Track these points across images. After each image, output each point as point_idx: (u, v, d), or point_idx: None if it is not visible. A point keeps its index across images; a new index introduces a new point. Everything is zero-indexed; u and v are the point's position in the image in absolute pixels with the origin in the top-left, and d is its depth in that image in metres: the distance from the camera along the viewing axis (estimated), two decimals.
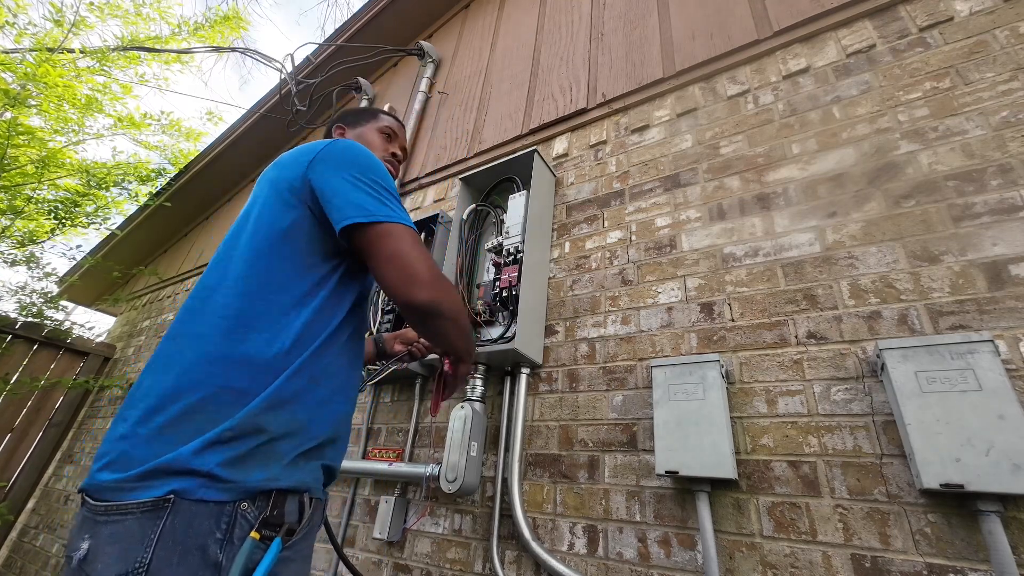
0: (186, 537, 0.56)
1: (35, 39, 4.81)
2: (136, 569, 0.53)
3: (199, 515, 0.57)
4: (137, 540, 0.55)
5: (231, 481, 0.60)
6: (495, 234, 1.90)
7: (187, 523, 0.56)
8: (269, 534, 0.60)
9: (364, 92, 3.65)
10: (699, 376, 1.19)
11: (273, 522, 0.61)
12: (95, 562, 0.55)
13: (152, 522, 0.55)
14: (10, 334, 3.80)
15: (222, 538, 0.57)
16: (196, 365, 0.66)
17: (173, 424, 0.62)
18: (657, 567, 1.14)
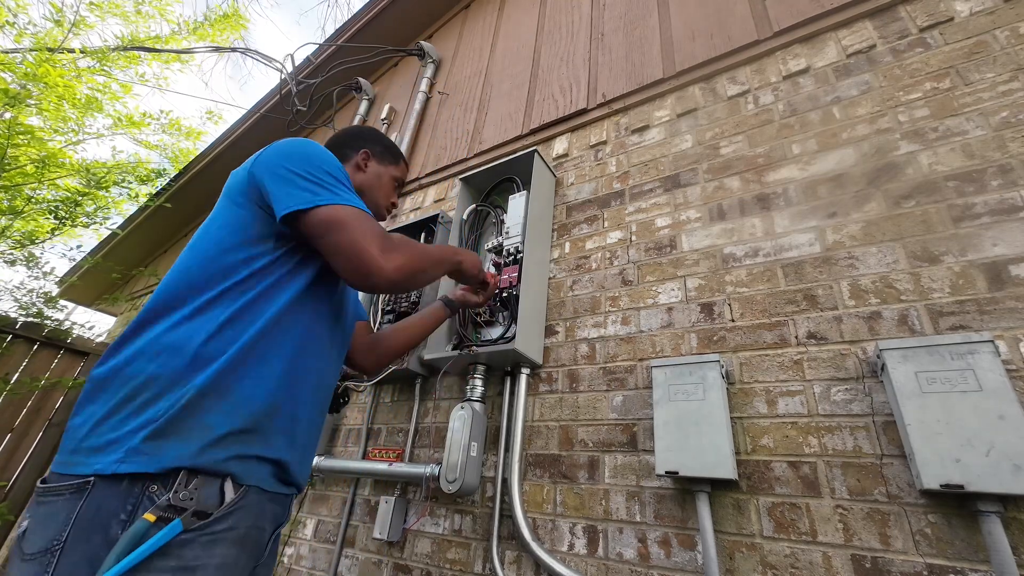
0: (96, 517, 0.58)
1: (35, 39, 4.81)
2: (54, 547, 0.56)
3: (110, 496, 0.59)
4: (60, 520, 0.58)
5: (149, 454, 0.61)
6: (495, 234, 1.90)
7: (100, 503, 0.58)
8: (169, 516, 0.59)
9: (364, 92, 3.65)
10: (699, 376, 1.19)
11: (179, 505, 0.60)
12: (29, 538, 0.59)
13: (74, 503, 0.58)
14: (10, 334, 3.80)
15: (125, 519, 0.58)
16: (134, 356, 0.68)
17: (115, 409, 0.64)
18: (657, 567, 1.14)
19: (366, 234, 0.76)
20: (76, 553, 0.56)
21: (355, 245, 0.75)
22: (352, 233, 0.76)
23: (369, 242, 0.76)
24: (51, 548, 0.56)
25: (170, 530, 0.58)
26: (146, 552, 0.56)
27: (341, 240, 0.75)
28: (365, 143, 1.12)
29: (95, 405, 0.65)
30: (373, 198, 1.10)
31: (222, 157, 4.52)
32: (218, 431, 0.66)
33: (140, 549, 0.55)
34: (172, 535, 0.58)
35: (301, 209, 0.75)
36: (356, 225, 0.77)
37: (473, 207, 2.01)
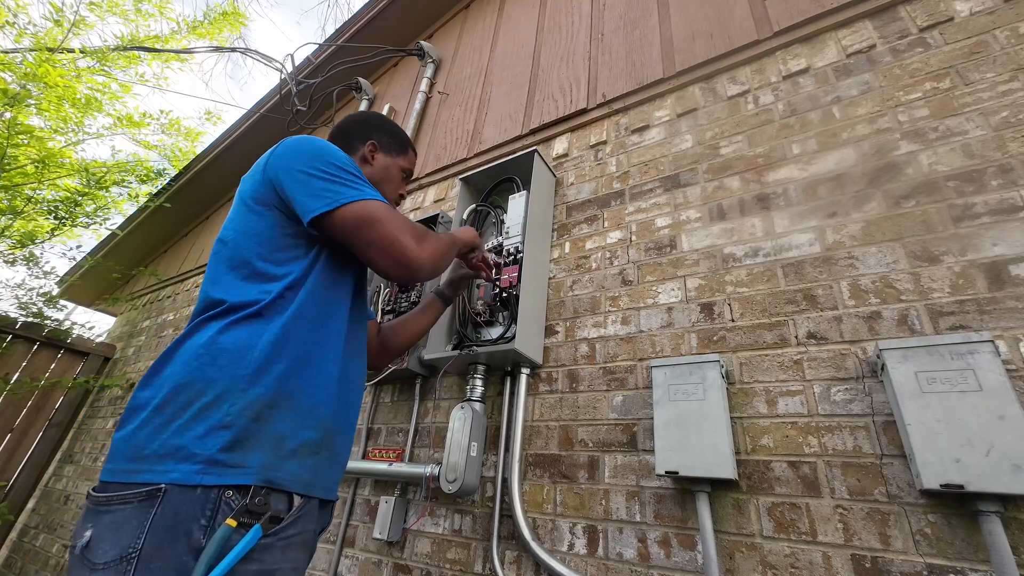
0: (174, 524, 0.58)
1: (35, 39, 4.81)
2: (130, 555, 0.56)
3: (187, 503, 0.59)
4: (132, 527, 0.58)
5: (230, 465, 0.62)
6: (495, 234, 1.90)
7: (175, 511, 0.59)
8: (248, 521, 0.61)
9: (364, 92, 3.65)
10: (699, 376, 1.19)
11: (256, 511, 0.62)
12: (95, 548, 0.58)
13: (146, 510, 0.59)
14: (10, 334, 3.80)
15: (206, 524, 0.59)
16: (189, 362, 0.69)
17: (176, 414, 0.64)
18: (657, 567, 1.14)
19: (400, 227, 0.78)
20: (158, 559, 0.57)
21: (391, 238, 0.77)
22: (386, 226, 0.77)
23: (404, 233, 0.78)
24: (127, 555, 0.56)
25: (253, 535, 0.61)
26: (239, 555, 0.58)
27: (376, 235, 0.77)
28: (371, 133, 1.09)
29: (149, 412, 0.65)
30: (382, 192, 1.05)
31: (222, 157, 4.52)
32: (291, 444, 0.69)
33: (233, 553, 0.58)
34: (255, 539, 0.61)
35: (327, 211, 0.76)
36: (387, 218, 0.78)
37: (473, 207, 2.01)
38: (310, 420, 0.73)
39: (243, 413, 0.65)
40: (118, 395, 3.89)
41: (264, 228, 0.80)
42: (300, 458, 0.70)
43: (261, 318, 0.72)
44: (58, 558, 3.14)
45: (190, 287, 4.19)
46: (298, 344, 0.73)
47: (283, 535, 0.65)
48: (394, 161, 1.11)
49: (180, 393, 0.66)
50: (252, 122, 4.25)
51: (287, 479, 0.67)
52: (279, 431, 0.68)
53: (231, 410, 0.65)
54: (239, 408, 0.65)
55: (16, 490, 3.73)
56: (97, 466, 3.47)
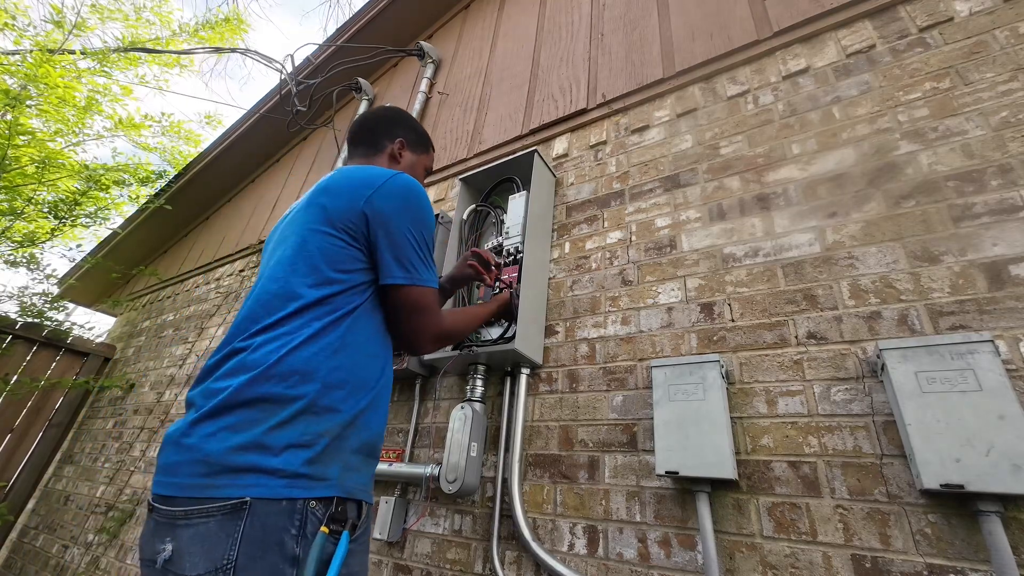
0: (265, 534, 0.61)
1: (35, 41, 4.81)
2: (225, 566, 0.59)
3: (274, 514, 0.62)
4: (221, 540, 0.60)
5: (314, 478, 0.67)
6: (495, 234, 1.90)
7: (264, 522, 0.62)
8: (337, 528, 0.67)
9: (364, 92, 3.65)
10: (699, 376, 1.19)
11: (338, 518, 0.68)
12: (181, 562, 0.60)
13: (233, 523, 0.61)
14: (10, 335, 3.80)
15: (296, 533, 0.63)
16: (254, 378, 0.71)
17: (248, 425, 0.67)
18: (657, 567, 1.13)
19: (433, 325, 0.90)
20: (254, 569, 0.59)
21: (420, 330, 0.89)
22: (424, 320, 0.89)
23: (431, 332, 0.91)
24: (222, 567, 0.59)
25: (345, 541, 0.66)
26: (343, 559, 0.63)
27: (414, 322, 0.88)
28: (399, 129, 1.13)
29: (214, 425, 0.67)
30: None
31: (222, 158, 4.52)
32: (355, 459, 0.75)
33: (338, 558, 0.63)
34: (348, 545, 0.66)
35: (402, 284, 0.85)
36: (430, 312, 0.90)
37: (473, 207, 2.01)
38: (370, 436, 0.80)
39: (324, 433, 0.71)
40: (118, 395, 3.89)
41: (331, 247, 0.83)
42: (362, 472, 0.77)
43: (321, 335, 0.77)
44: (58, 558, 3.14)
45: (190, 287, 4.19)
46: (355, 365, 0.80)
47: (360, 541, 0.71)
48: (419, 159, 1.16)
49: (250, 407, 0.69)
50: (252, 123, 4.25)
51: (356, 488, 0.74)
52: (351, 446, 0.75)
53: (308, 429, 0.69)
54: (316, 427, 0.70)
55: (16, 490, 3.73)
56: (97, 466, 3.48)
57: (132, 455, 3.22)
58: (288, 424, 0.68)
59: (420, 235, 0.90)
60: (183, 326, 3.81)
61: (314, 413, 0.70)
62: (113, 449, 3.45)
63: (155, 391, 3.51)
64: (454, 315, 1.02)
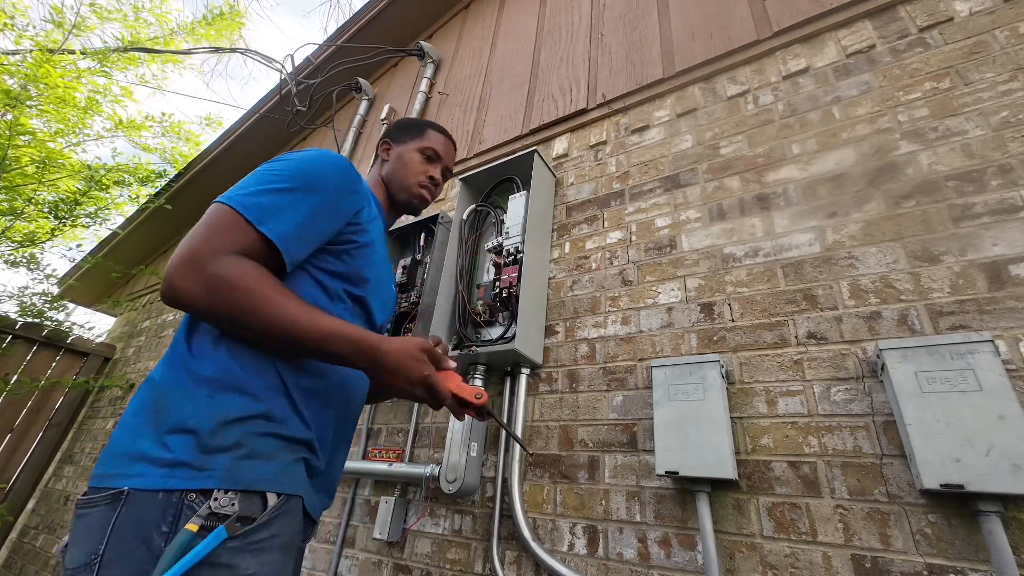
0: (135, 529, 0.55)
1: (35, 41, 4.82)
2: (93, 561, 0.54)
3: (148, 507, 0.56)
4: (97, 532, 0.56)
5: (195, 467, 0.59)
6: (495, 234, 1.90)
7: (137, 515, 0.56)
8: (211, 524, 0.57)
9: (364, 92, 3.65)
10: (699, 376, 1.19)
11: (221, 512, 0.58)
12: (69, 553, 0.58)
13: (109, 514, 0.56)
14: (10, 334, 3.80)
15: (167, 531, 0.55)
16: (163, 363, 0.69)
17: (145, 415, 0.63)
18: (657, 567, 1.13)
19: (198, 242, 0.64)
20: (119, 565, 0.54)
21: (179, 246, 0.65)
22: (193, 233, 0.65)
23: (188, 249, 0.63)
24: (90, 562, 0.54)
25: (214, 538, 0.55)
26: (189, 563, 0.53)
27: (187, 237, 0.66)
28: (384, 137, 1.08)
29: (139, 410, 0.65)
30: (400, 181, 1.01)
31: (222, 158, 4.52)
32: (266, 444, 0.67)
33: (183, 560, 0.53)
34: (216, 543, 0.55)
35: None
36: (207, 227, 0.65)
37: (473, 207, 2.01)
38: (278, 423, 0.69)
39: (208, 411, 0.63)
40: (118, 395, 3.89)
41: None
42: (281, 455, 0.66)
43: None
44: (58, 559, 3.14)
45: None
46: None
47: (253, 538, 0.59)
48: (405, 148, 1.05)
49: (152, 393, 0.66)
50: (252, 123, 4.25)
51: (261, 478, 0.62)
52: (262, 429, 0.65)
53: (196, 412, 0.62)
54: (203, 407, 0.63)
55: (16, 491, 3.73)
56: None
57: None
58: (179, 409, 0.62)
59: (293, 171, 0.74)
60: None
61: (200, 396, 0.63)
62: None
63: None
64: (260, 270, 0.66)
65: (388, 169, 1.03)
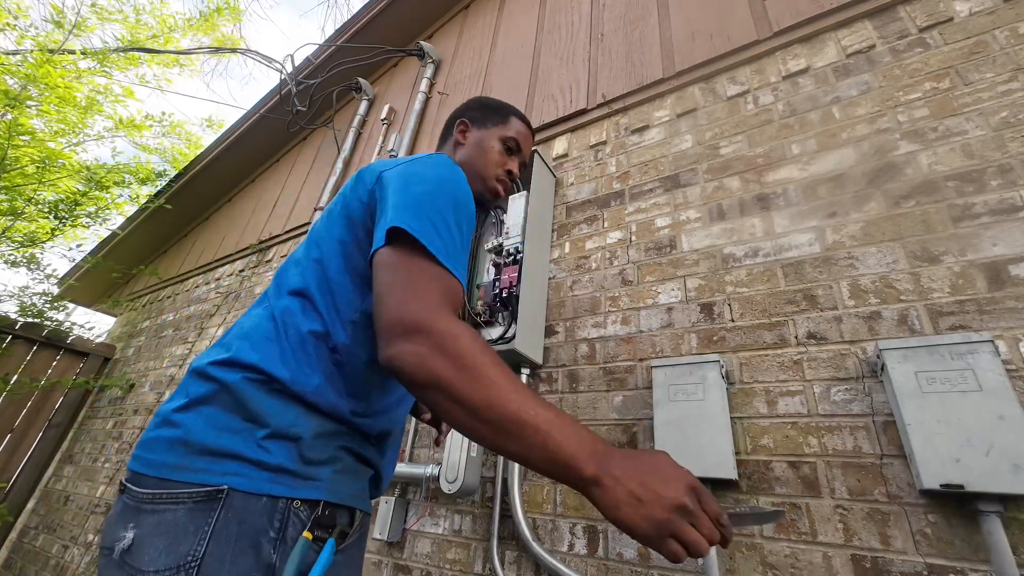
0: (240, 533, 0.52)
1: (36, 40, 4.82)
2: (189, 563, 0.49)
3: (252, 510, 0.53)
4: (189, 532, 0.51)
5: (301, 476, 0.57)
6: (495, 234, 1.90)
7: (240, 518, 0.52)
8: (322, 535, 0.56)
9: (364, 92, 3.65)
10: (699, 376, 1.19)
11: (325, 523, 0.58)
12: (140, 553, 0.50)
13: (205, 514, 0.52)
14: (10, 334, 3.80)
15: (275, 537, 0.53)
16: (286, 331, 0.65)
17: (227, 410, 0.58)
18: (657, 567, 1.13)
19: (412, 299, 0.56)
20: (222, 572, 0.50)
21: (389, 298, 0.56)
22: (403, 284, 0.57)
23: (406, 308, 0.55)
24: (184, 564, 0.49)
25: (330, 550, 0.55)
26: (323, 569, 0.53)
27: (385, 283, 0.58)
28: (462, 115, 0.97)
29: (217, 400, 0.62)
30: (478, 170, 0.90)
31: (222, 158, 4.52)
32: (351, 462, 0.66)
33: (317, 568, 0.53)
34: (332, 554, 0.55)
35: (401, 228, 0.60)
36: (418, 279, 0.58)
37: None
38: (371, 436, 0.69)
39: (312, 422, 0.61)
40: (118, 396, 3.89)
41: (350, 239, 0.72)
42: (360, 472, 0.67)
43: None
44: (58, 559, 3.14)
45: (190, 287, 4.19)
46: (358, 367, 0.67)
47: (348, 552, 0.62)
48: (489, 132, 0.93)
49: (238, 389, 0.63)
50: (252, 123, 4.25)
51: (351, 495, 0.63)
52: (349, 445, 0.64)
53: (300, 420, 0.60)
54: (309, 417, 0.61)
55: (16, 491, 3.73)
56: (96, 467, 3.47)
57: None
58: (281, 412, 0.59)
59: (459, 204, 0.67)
60: (183, 326, 3.81)
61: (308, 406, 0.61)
62: (113, 449, 3.45)
63: (155, 391, 3.51)
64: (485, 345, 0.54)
65: (464, 154, 0.92)
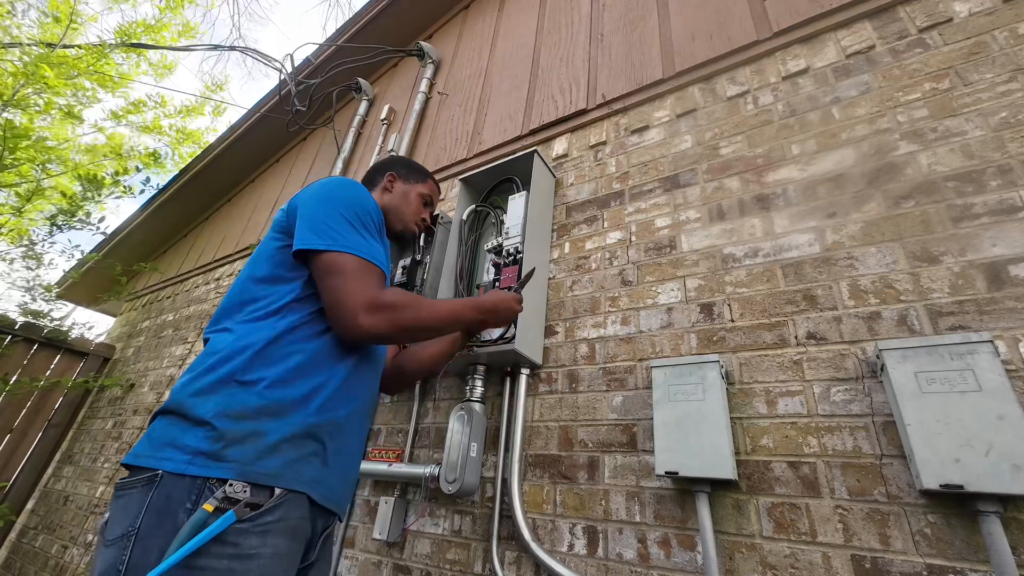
0: (165, 506, 0.65)
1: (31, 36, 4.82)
2: (129, 532, 0.64)
3: (177, 488, 0.66)
4: (135, 509, 0.65)
5: (215, 458, 0.68)
6: (495, 235, 1.90)
7: (167, 495, 0.66)
8: (224, 507, 0.66)
9: (364, 93, 3.65)
10: (699, 376, 1.19)
11: (234, 497, 0.67)
12: (108, 528, 0.67)
13: (145, 494, 0.66)
14: (10, 334, 3.79)
15: (190, 508, 0.65)
16: (198, 365, 0.78)
17: (177, 412, 0.73)
18: (657, 568, 1.13)
19: (356, 290, 0.81)
20: (152, 537, 0.63)
21: (339, 297, 0.80)
22: (344, 283, 0.81)
23: (356, 297, 0.80)
24: (126, 533, 0.64)
25: (224, 519, 0.64)
26: (205, 539, 0.62)
27: (331, 287, 0.81)
28: (390, 168, 1.21)
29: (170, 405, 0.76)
30: (400, 215, 1.16)
31: (222, 158, 4.52)
32: (282, 444, 0.75)
33: (199, 536, 0.62)
34: (227, 524, 0.64)
35: (311, 249, 0.83)
36: (351, 276, 0.81)
37: (473, 207, 2.01)
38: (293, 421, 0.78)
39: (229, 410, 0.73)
40: (117, 395, 3.89)
41: (273, 251, 0.89)
42: (290, 453, 0.75)
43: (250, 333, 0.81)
44: (57, 559, 3.14)
45: (190, 287, 4.19)
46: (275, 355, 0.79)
47: (261, 521, 0.68)
48: (412, 187, 1.20)
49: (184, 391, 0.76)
50: (252, 122, 4.25)
51: (270, 474, 0.71)
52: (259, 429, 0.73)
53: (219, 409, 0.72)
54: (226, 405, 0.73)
55: (16, 491, 3.73)
56: (96, 467, 3.48)
57: None
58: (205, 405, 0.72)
59: (349, 210, 0.88)
60: (183, 326, 3.81)
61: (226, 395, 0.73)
62: (113, 449, 3.45)
63: (155, 391, 3.51)
64: (406, 292, 0.89)
65: (389, 200, 1.17)
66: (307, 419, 0.77)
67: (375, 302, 0.81)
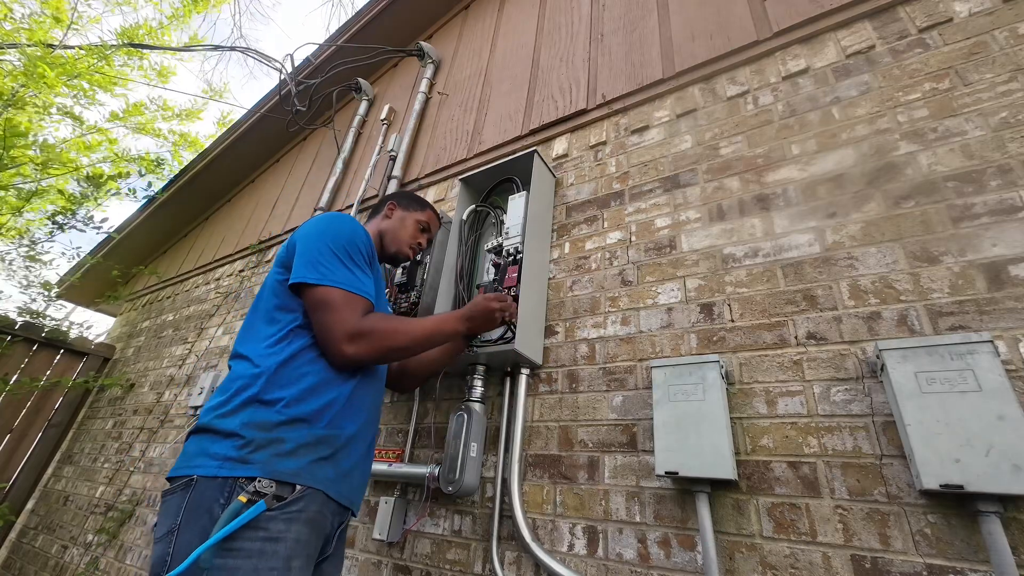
0: (200, 504, 0.78)
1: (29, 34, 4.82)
2: (172, 528, 0.77)
3: (210, 488, 0.79)
4: (175, 510, 0.79)
5: (240, 461, 0.81)
6: (495, 235, 1.90)
7: (202, 495, 0.78)
8: (255, 498, 0.78)
9: (364, 93, 3.65)
10: (699, 377, 1.19)
11: (262, 491, 0.80)
12: (156, 527, 0.81)
13: (183, 497, 0.79)
14: (9, 335, 3.79)
15: (224, 503, 0.78)
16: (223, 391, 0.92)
17: (207, 429, 0.87)
18: (657, 568, 1.13)
19: (339, 321, 0.93)
20: (190, 530, 0.75)
21: (326, 329, 0.93)
22: (329, 316, 0.93)
23: (339, 329, 0.93)
24: (171, 529, 0.77)
25: (256, 508, 0.77)
26: (241, 522, 0.75)
27: (319, 321, 0.94)
28: (392, 198, 1.39)
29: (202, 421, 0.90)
30: (395, 237, 1.31)
31: (222, 158, 4.52)
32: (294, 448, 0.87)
33: (236, 520, 0.74)
34: (259, 511, 0.77)
35: (304, 283, 0.95)
36: (335, 309, 0.94)
37: (473, 208, 2.01)
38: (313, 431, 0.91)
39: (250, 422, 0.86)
40: (117, 395, 3.89)
41: (277, 284, 1.02)
42: (302, 455, 0.87)
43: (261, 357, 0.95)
44: (57, 559, 3.14)
45: (190, 287, 4.19)
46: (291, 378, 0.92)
47: (286, 510, 0.81)
48: (410, 214, 1.36)
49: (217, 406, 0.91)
50: (252, 123, 4.25)
51: (289, 472, 0.84)
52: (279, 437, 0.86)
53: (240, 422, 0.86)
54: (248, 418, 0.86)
55: (15, 491, 3.73)
56: (96, 467, 3.48)
57: (131, 455, 3.21)
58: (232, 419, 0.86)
59: (337, 245, 1.00)
60: (183, 326, 3.81)
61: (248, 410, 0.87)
62: (112, 449, 3.45)
63: (155, 391, 3.51)
64: (386, 317, 1.02)
65: (388, 225, 1.33)
66: (320, 431, 0.90)
67: (355, 331, 0.94)
